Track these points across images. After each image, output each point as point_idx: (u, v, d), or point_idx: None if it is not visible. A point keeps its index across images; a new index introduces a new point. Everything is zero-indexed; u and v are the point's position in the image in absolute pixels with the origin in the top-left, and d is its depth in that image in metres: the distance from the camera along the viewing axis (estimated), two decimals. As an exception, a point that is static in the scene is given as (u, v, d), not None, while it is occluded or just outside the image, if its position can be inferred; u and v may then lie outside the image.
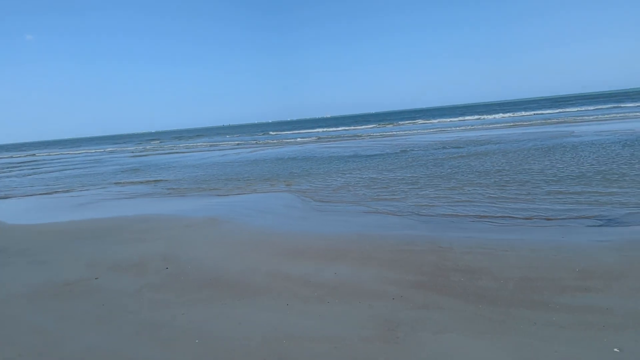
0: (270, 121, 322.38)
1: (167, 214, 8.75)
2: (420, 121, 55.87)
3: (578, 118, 30.68)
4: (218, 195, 11.16)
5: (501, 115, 48.69)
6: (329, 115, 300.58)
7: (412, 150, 18.32)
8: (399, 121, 62.32)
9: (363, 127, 53.27)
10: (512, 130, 25.07)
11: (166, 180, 15.15)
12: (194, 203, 10.13)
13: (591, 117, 29.75)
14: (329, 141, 31.63)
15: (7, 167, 32.20)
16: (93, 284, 5.03)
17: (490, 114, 53.97)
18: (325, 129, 57.08)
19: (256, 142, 38.76)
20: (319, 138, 37.39)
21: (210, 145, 41.05)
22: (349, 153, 19.49)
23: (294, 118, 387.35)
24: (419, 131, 34.45)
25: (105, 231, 7.61)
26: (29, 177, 21.93)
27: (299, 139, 38.00)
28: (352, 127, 53.66)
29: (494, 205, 7.40)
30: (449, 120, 50.44)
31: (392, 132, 37.74)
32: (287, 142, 35.05)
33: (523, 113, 48.77)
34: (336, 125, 64.15)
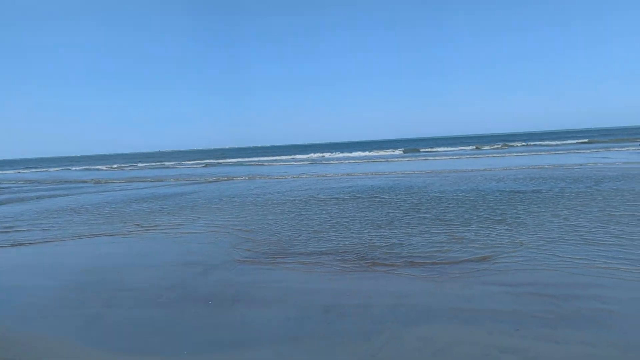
0: (217, 148, 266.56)
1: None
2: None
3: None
4: (440, 263, 5.80)
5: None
6: (269, 145, 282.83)
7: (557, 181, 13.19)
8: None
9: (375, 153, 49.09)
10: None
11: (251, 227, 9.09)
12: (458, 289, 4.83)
13: None
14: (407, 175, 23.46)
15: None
16: None
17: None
18: (354, 155, 49.88)
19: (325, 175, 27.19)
20: (376, 173, 27.38)
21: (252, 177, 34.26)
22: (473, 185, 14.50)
23: (238, 145, 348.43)
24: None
25: None
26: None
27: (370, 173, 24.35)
28: (379, 155, 48.72)
29: None
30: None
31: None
32: (356, 174, 22.49)
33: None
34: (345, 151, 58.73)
